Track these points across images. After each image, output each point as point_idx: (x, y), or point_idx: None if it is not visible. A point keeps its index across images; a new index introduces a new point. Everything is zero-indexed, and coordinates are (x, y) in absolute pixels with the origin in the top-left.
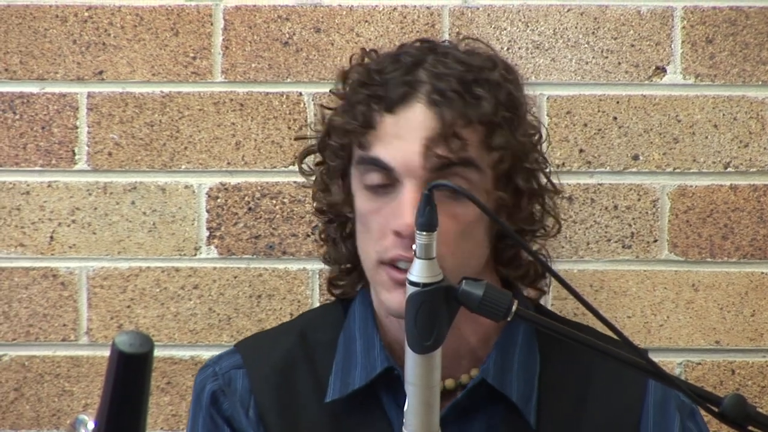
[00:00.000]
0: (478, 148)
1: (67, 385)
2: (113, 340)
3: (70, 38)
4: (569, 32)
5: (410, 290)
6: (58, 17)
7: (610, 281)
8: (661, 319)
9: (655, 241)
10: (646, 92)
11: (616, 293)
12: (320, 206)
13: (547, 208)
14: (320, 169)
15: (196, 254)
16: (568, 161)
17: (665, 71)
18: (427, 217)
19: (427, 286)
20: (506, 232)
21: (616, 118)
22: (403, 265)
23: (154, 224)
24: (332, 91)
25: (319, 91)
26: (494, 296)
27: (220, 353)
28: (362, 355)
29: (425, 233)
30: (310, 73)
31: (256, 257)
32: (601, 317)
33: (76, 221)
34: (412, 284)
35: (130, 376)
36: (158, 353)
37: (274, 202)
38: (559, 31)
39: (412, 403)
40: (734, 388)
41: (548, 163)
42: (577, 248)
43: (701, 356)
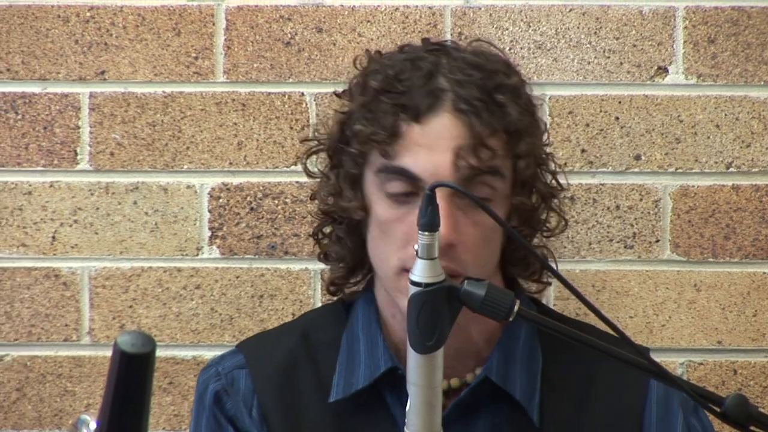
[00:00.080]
0: (502, 155)
1: (69, 385)
2: (115, 340)
3: (72, 38)
4: (571, 32)
5: (412, 290)
6: (60, 17)
7: (612, 281)
8: (663, 319)
9: (657, 241)
10: (648, 92)
11: (618, 293)
12: (329, 209)
13: (554, 206)
14: (333, 172)
15: (198, 254)
16: (570, 161)
17: (667, 71)
18: (429, 217)
19: (429, 286)
20: (515, 238)
21: (618, 118)
22: None
23: (156, 224)
24: (336, 92)
25: (321, 91)
26: (496, 296)
27: (222, 353)
28: (366, 354)
29: (427, 233)
30: (312, 73)
31: (258, 257)
32: (603, 317)
33: (78, 221)
34: (414, 284)
35: (132, 376)
36: (160, 353)
37: (276, 202)
38: (561, 31)
39: (414, 403)
40: (736, 388)
41: (555, 162)
42: (579, 248)
43: (703, 356)
